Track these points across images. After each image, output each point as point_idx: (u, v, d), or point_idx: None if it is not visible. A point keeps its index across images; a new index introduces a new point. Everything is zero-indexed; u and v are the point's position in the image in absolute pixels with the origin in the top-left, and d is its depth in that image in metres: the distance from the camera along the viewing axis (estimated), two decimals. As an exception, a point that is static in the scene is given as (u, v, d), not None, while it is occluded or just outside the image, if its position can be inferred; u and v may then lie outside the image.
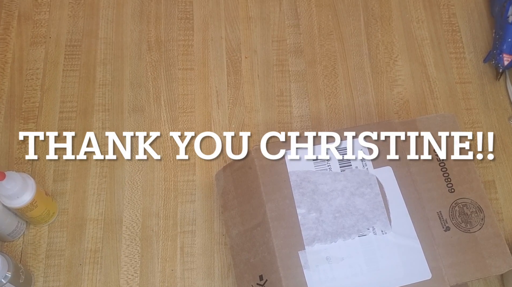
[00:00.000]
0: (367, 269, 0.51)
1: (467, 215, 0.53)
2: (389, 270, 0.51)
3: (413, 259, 0.51)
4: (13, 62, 0.77)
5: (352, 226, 0.53)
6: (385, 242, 0.52)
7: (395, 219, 0.53)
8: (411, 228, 0.53)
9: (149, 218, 0.69)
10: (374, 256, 0.52)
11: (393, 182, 0.55)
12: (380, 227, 0.53)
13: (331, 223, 0.53)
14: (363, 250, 0.52)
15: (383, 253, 0.52)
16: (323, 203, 0.54)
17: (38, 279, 0.65)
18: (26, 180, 0.62)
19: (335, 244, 0.52)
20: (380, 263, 0.51)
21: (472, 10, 0.82)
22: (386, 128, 0.58)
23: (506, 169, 0.72)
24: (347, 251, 0.52)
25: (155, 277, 0.66)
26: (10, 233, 0.65)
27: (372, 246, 0.52)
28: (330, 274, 0.51)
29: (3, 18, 0.80)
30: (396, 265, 0.51)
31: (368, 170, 0.55)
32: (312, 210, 0.54)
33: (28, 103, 0.74)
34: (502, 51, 0.74)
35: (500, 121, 0.75)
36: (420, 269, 0.51)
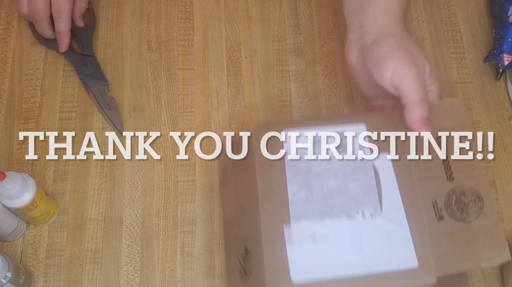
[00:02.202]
0: (351, 251, 0.50)
1: (464, 204, 0.52)
2: (374, 254, 0.50)
3: (400, 246, 0.50)
4: (13, 62, 0.77)
5: (341, 207, 0.52)
6: (373, 226, 0.51)
7: (386, 205, 0.52)
8: (402, 215, 0.51)
9: (149, 218, 0.69)
10: (360, 238, 0.51)
11: (389, 169, 0.54)
12: (369, 211, 0.52)
13: (320, 202, 0.52)
14: (350, 232, 0.51)
15: (370, 236, 0.51)
16: (315, 183, 0.53)
17: (38, 279, 0.65)
18: (26, 180, 0.62)
19: (322, 223, 0.51)
20: (365, 246, 0.50)
21: (472, 10, 0.82)
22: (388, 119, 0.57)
23: (506, 168, 0.72)
24: (333, 231, 0.51)
25: (155, 277, 0.66)
26: (10, 233, 0.65)
27: (359, 228, 0.51)
28: (313, 252, 0.50)
29: (3, 18, 0.80)
30: (382, 250, 0.50)
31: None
32: (303, 188, 0.53)
33: (28, 103, 0.74)
34: (502, 51, 0.74)
35: (501, 121, 0.75)
36: (406, 257, 0.50)
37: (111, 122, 0.72)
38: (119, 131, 0.72)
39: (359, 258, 0.50)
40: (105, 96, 0.74)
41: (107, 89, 0.75)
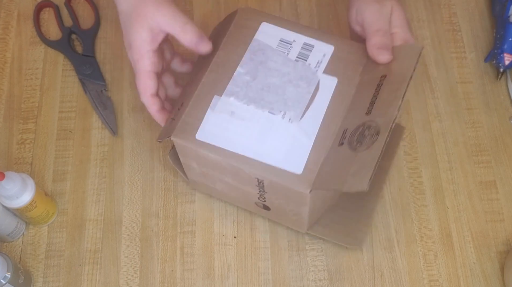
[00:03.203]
0: (255, 138, 0.56)
1: (364, 137, 0.55)
2: (271, 149, 0.56)
3: (297, 153, 0.55)
4: (12, 62, 0.77)
5: (270, 102, 0.58)
6: (285, 128, 0.56)
7: (307, 117, 0.57)
8: (314, 131, 0.56)
9: (149, 218, 0.68)
10: (268, 132, 0.56)
11: (329, 92, 0.58)
12: (290, 115, 0.57)
13: (256, 91, 0.58)
14: (263, 124, 0.57)
15: (277, 134, 0.56)
16: (261, 74, 0.59)
17: (37, 280, 0.65)
18: (25, 180, 0.62)
19: (247, 107, 0.57)
20: (269, 139, 0.56)
21: (473, 9, 0.82)
22: (358, 48, 0.61)
23: (507, 169, 0.72)
24: (251, 117, 0.57)
25: (155, 278, 0.66)
26: (9, 233, 0.65)
27: (273, 125, 0.57)
28: (225, 123, 0.57)
29: (2, 18, 0.80)
30: (280, 149, 0.56)
31: (317, 71, 0.59)
32: (248, 74, 0.59)
33: (27, 103, 0.74)
34: (503, 50, 0.74)
35: (501, 121, 0.75)
36: (296, 163, 0.55)
37: (105, 122, 0.72)
38: (113, 131, 0.72)
39: (258, 146, 0.56)
40: (101, 96, 0.74)
41: (104, 89, 0.74)
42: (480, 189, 0.71)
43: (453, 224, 0.69)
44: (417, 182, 0.71)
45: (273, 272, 0.66)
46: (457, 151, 0.73)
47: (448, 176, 0.71)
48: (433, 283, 0.66)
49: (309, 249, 0.67)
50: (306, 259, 0.67)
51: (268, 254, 0.67)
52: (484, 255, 0.67)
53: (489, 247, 0.68)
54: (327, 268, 0.66)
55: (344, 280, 0.66)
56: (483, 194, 0.70)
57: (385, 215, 0.69)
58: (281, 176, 0.55)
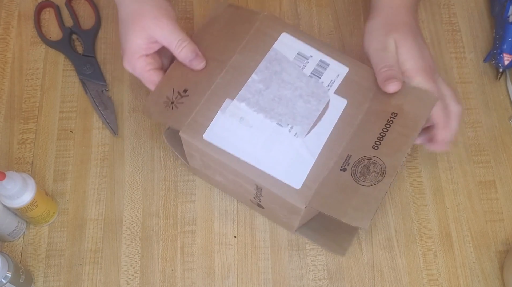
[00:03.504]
0: (260, 147, 0.57)
1: (369, 171, 0.56)
2: (274, 160, 0.57)
3: (298, 168, 0.56)
4: (13, 62, 0.77)
5: (279, 114, 0.58)
6: (290, 142, 0.57)
7: (313, 134, 0.58)
8: (318, 149, 0.57)
9: (149, 217, 0.69)
10: (274, 143, 0.57)
11: (337, 113, 0.59)
12: (296, 130, 0.58)
13: (267, 100, 0.59)
14: (270, 134, 0.57)
15: (282, 147, 0.57)
16: (275, 84, 0.60)
17: (38, 279, 0.65)
18: (26, 180, 0.62)
19: (256, 115, 0.58)
20: (273, 150, 0.57)
21: (473, 9, 0.82)
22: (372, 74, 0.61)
23: (506, 168, 0.72)
24: (259, 125, 0.58)
25: (155, 277, 0.66)
26: (10, 233, 0.65)
27: (279, 136, 0.58)
28: (233, 128, 0.58)
29: (3, 18, 0.80)
30: (282, 161, 0.57)
31: (328, 90, 0.60)
32: (262, 82, 0.60)
33: (28, 103, 0.74)
34: (503, 51, 0.74)
35: (501, 121, 0.75)
36: (296, 177, 0.56)
37: (106, 122, 0.72)
38: (114, 131, 0.72)
39: (261, 155, 0.57)
40: (102, 96, 0.74)
41: (104, 89, 0.75)
42: (480, 189, 0.71)
43: (452, 224, 0.69)
44: (416, 182, 0.71)
45: (273, 272, 0.66)
46: (457, 151, 0.73)
47: (448, 175, 0.71)
48: (433, 283, 0.66)
49: (309, 249, 0.67)
50: (306, 258, 0.67)
51: (268, 253, 0.67)
52: (484, 254, 0.67)
53: (488, 246, 0.68)
54: (327, 267, 0.66)
55: (344, 279, 0.66)
56: (482, 194, 0.71)
57: (384, 215, 0.69)
58: (280, 187, 0.56)
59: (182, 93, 0.60)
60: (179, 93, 0.60)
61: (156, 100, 0.60)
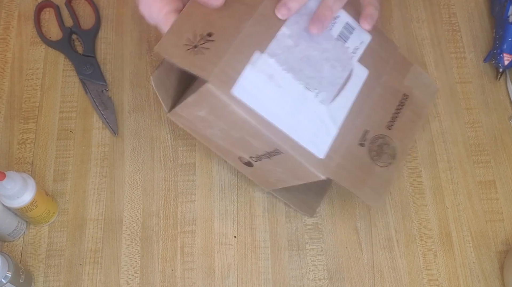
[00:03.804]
0: (287, 110, 0.53)
1: (382, 151, 0.57)
2: (300, 126, 0.54)
3: (322, 137, 0.55)
4: (13, 62, 0.77)
5: (308, 76, 0.55)
6: (316, 108, 0.55)
7: (336, 103, 0.56)
8: (341, 118, 0.56)
9: (149, 218, 0.69)
10: (300, 107, 0.54)
11: (359, 83, 0.57)
12: (322, 96, 0.55)
13: (296, 60, 0.55)
14: (297, 97, 0.54)
15: (308, 113, 0.54)
16: (303, 42, 0.55)
17: (38, 279, 0.65)
18: (26, 180, 0.62)
19: (286, 74, 0.54)
20: (299, 115, 0.54)
21: (473, 9, 0.82)
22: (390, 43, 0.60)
23: (506, 168, 0.72)
24: (287, 86, 0.54)
25: (155, 277, 0.66)
26: (10, 233, 0.65)
27: (306, 101, 0.54)
28: (262, 85, 0.53)
29: (3, 18, 0.80)
30: (307, 128, 0.54)
31: (352, 58, 0.57)
32: (292, 37, 0.55)
33: (28, 103, 0.74)
34: (503, 51, 0.74)
35: (501, 121, 0.75)
36: (320, 147, 0.54)
37: (106, 122, 0.72)
38: (114, 131, 0.72)
39: (288, 118, 0.53)
40: (102, 96, 0.74)
41: (105, 89, 0.75)
42: (480, 189, 0.71)
43: (452, 224, 0.69)
44: (416, 182, 0.71)
45: (273, 272, 0.66)
46: (457, 151, 0.73)
47: (448, 175, 0.71)
48: (433, 283, 0.66)
49: (309, 249, 0.67)
50: (306, 258, 0.67)
51: (268, 253, 0.67)
52: (484, 254, 0.68)
53: (488, 246, 0.68)
54: (327, 267, 0.66)
55: (344, 279, 0.66)
56: (482, 194, 0.71)
57: (384, 215, 0.69)
58: (304, 155, 0.54)
59: (206, 36, 0.52)
60: (202, 36, 0.52)
61: (175, 41, 0.52)
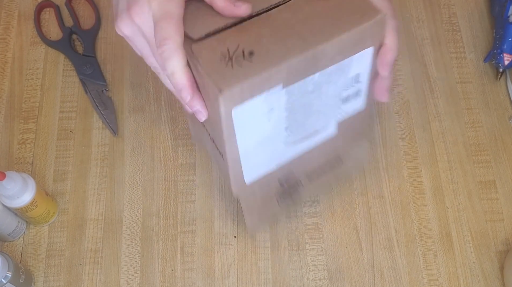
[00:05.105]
0: (256, 138, 0.52)
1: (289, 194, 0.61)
2: (253, 150, 0.53)
3: (260, 168, 0.56)
4: (13, 62, 0.77)
5: (295, 120, 0.53)
6: (277, 146, 0.55)
7: (292, 147, 0.56)
8: (286, 160, 0.58)
9: (149, 218, 0.69)
10: (267, 141, 0.53)
11: (322, 139, 0.58)
12: (289, 139, 0.55)
13: (301, 103, 0.52)
14: (272, 133, 0.53)
15: (268, 146, 0.54)
16: (319, 90, 0.52)
17: (38, 279, 0.65)
18: (26, 180, 0.62)
19: (283, 112, 0.51)
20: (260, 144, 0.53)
21: (473, 9, 0.82)
22: None
23: (506, 168, 0.72)
24: (275, 121, 0.51)
25: (155, 277, 0.66)
26: (10, 233, 0.65)
27: (275, 138, 0.54)
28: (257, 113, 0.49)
29: (3, 18, 0.80)
30: (257, 156, 0.54)
31: (336, 117, 0.57)
32: (315, 84, 0.51)
33: (28, 103, 0.74)
34: (503, 50, 0.74)
35: (501, 121, 0.75)
36: (251, 175, 0.56)
37: (106, 122, 0.72)
38: (114, 131, 0.72)
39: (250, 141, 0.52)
40: (102, 96, 0.74)
41: (105, 89, 0.75)
42: (480, 189, 0.71)
43: (452, 224, 0.69)
44: (416, 182, 0.71)
45: (273, 272, 0.66)
46: (457, 151, 0.73)
47: (448, 175, 0.71)
48: (433, 283, 0.66)
49: (309, 249, 0.67)
50: (306, 258, 0.67)
51: (268, 253, 0.67)
52: (484, 254, 0.67)
53: (488, 246, 0.68)
54: (327, 267, 0.66)
55: (344, 279, 0.66)
56: (482, 194, 0.71)
57: (384, 215, 0.69)
58: (235, 170, 0.54)
59: (246, 55, 0.47)
60: (244, 53, 0.47)
61: (214, 46, 0.47)
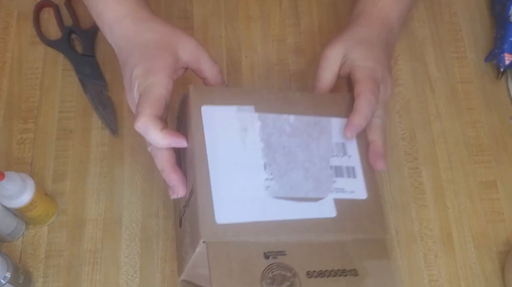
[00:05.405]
0: (230, 166, 0.53)
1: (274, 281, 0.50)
2: (227, 186, 0.52)
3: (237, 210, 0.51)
4: (12, 62, 0.77)
5: (274, 160, 0.54)
6: (256, 186, 0.53)
7: (281, 203, 0.53)
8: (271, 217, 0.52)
9: (149, 218, 0.68)
10: (242, 173, 0.53)
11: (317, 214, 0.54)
12: (273, 186, 0.53)
13: (279, 143, 0.55)
14: (248, 164, 0.54)
15: (245, 184, 0.53)
16: (299, 140, 0.56)
17: (37, 280, 0.65)
18: (25, 180, 0.62)
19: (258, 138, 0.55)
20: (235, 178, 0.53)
21: (473, 9, 0.82)
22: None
23: (507, 168, 0.72)
24: (251, 147, 0.54)
25: (155, 278, 0.66)
26: (9, 233, 0.65)
27: (252, 173, 0.53)
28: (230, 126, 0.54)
29: (2, 18, 0.80)
30: (232, 193, 0.52)
31: (330, 192, 0.55)
32: (293, 128, 0.57)
33: (27, 103, 0.74)
34: (504, 50, 0.74)
35: (502, 120, 0.75)
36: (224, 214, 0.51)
37: (105, 122, 0.72)
38: (113, 131, 0.72)
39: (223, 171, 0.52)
40: (101, 96, 0.74)
41: (104, 89, 0.74)
42: (481, 189, 0.71)
43: (453, 224, 0.69)
44: (417, 182, 0.71)
45: (273, 272, 0.66)
46: (458, 151, 0.73)
47: (449, 175, 0.71)
48: (434, 283, 0.66)
49: (309, 249, 0.67)
50: (306, 259, 0.66)
51: (268, 254, 0.67)
52: (485, 255, 0.67)
53: (489, 247, 0.68)
54: (327, 268, 0.66)
55: (345, 280, 0.66)
56: (483, 194, 0.70)
57: (385, 215, 0.69)
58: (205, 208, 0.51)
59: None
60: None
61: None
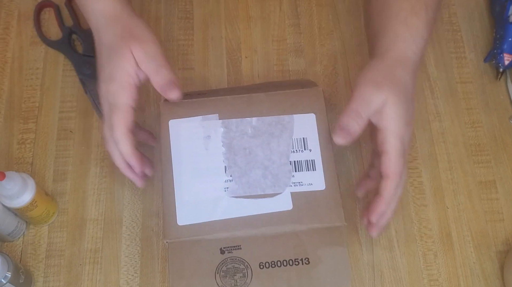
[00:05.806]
0: (193, 171, 0.61)
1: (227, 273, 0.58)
2: (190, 189, 0.61)
3: (198, 213, 0.59)
4: (13, 62, 0.77)
5: (234, 162, 0.62)
6: (216, 189, 0.60)
7: (238, 202, 0.60)
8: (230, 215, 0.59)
9: (149, 218, 0.68)
10: (205, 177, 0.61)
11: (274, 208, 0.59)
12: (232, 187, 0.60)
13: (240, 145, 0.62)
14: (210, 168, 0.61)
15: (206, 186, 0.61)
16: (259, 140, 0.62)
17: (38, 279, 0.65)
18: (26, 180, 0.62)
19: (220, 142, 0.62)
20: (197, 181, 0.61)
21: (473, 9, 0.82)
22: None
23: (506, 168, 0.72)
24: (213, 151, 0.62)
25: (155, 277, 0.66)
26: (10, 233, 0.65)
27: (213, 177, 0.61)
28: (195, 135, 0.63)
29: (2, 18, 0.80)
30: (194, 196, 0.60)
31: (287, 186, 0.60)
32: (254, 129, 0.63)
33: (27, 103, 0.74)
34: (503, 50, 0.74)
35: (501, 121, 0.75)
36: (185, 216, 0.59)
37: None
38: None
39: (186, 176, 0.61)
40: None
41: None
42: (480, 189, 0.71)
43: (453, 224, 0.69)
44: (417, 182, 0.71)
45: (273, 272, 0.66)
46: (457, 151, 0.73)
47: (448, 175, 0.71)
48: (433, 283, 0.66)
49: (309, 249, 0.67)
50: (306, 258, 0.67)
51: (268, 253, 0.67)
52: (484, 254, 0.67)
53: (488, 246, 0.68)
54: (327, 267, 0.66)
55: (344, 279, 0.66)
56: (483, 194, 0.71)
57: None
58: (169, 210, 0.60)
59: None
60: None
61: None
